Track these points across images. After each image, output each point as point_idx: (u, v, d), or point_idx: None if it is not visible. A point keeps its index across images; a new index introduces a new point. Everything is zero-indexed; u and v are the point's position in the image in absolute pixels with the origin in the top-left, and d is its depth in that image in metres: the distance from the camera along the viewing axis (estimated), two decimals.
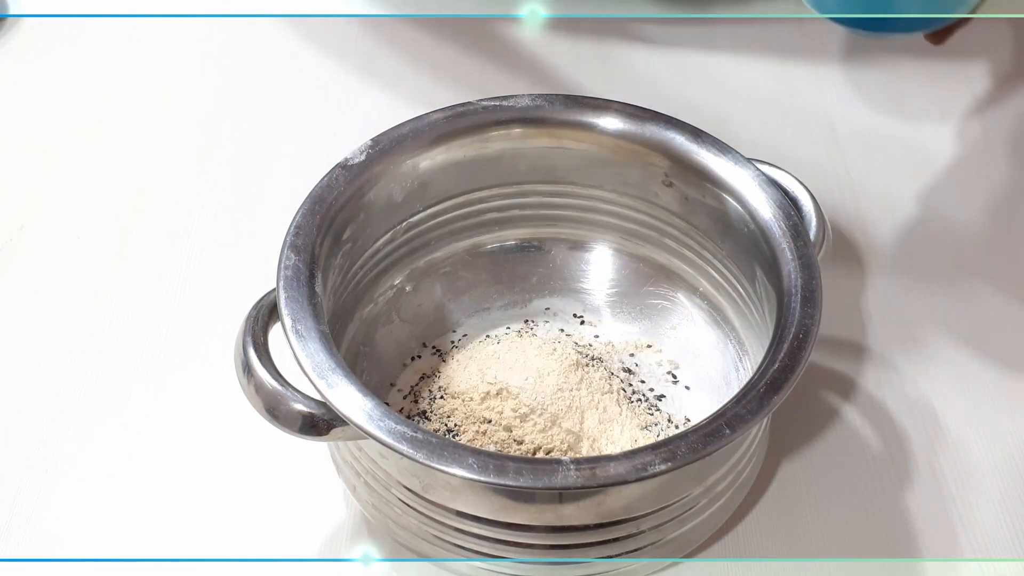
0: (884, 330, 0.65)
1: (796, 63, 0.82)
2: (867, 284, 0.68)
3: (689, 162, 0.58)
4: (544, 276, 0.64)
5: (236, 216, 0.72)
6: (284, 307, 0.51)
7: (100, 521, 0.57)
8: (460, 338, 0.62)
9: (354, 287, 0.59)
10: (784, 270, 0.53)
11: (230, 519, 0.57)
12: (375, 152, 0.58)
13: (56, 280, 0.68)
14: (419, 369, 0.60)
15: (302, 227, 0.54)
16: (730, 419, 0.48)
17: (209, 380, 0.62)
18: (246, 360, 0.50)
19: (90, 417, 0.61)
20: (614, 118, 0.60)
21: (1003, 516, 0.58)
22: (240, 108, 0.79)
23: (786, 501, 0.58)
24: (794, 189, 0.57)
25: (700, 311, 0.62)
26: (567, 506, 0.49)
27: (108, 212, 0.72)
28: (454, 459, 0.46)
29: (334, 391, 0.48)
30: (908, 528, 0.57)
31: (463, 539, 0.51)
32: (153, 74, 0.81)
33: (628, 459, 0.47)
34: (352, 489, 0.55)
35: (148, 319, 0.66)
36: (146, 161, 0.75)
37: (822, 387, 0.63)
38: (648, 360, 0.61)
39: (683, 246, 0.61)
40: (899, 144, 0.76)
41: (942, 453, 0.60)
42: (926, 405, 0.62)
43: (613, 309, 0.63)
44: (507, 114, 0.60)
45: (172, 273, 0.68)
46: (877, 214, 0.72)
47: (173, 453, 0.60)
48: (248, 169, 0.75)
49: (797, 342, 0.51)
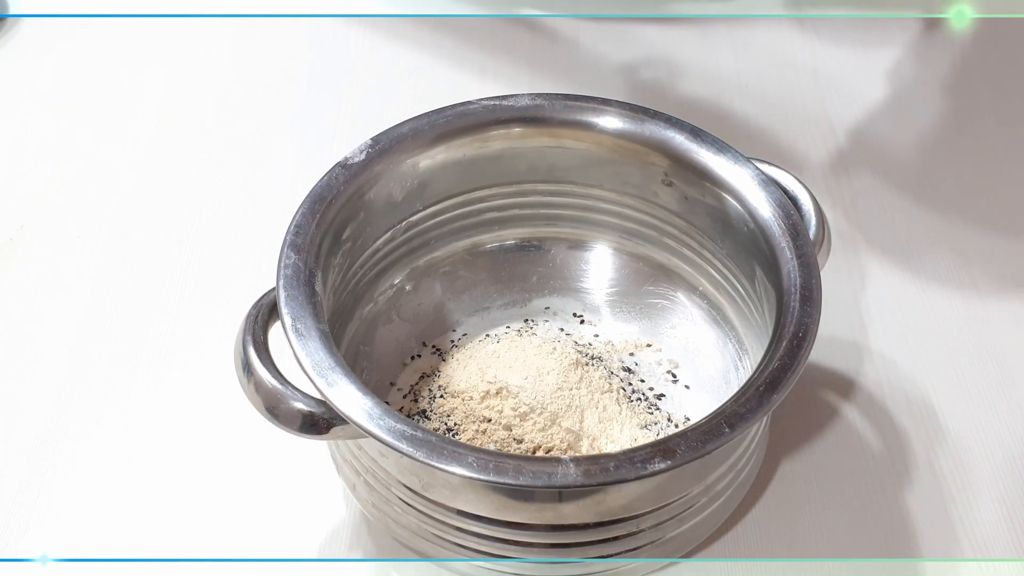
0: (884, 330, 0.65)
1: (796, 63, 0.82)
2: (867, 284, 0.68)
3: (689, 161, 0.58)
4: (544, 275, 0.64)
5: (236, 216, 0.72)
6: (284, 306, 0.51)
7: (100, 521, 0.57)
8: (460, 337, 0.62)
9: (354, 286, 0.59)
10: (784, 269, 0.53)
11: (230, 519, 0.57)
12: (375, 152, 0.58)
13: (56, 280, 0.68)
14: (419, 368, 0.60)
15: (302, 227, 0.54)
16: (730, 418, 0.48)
17: (209, 379, 0.62)
18: (246, 359, 0.50)
19: (90, 417, 0.61)
20: (614, 117, 0.60)
21: (1003, 516, 0.58)
22: (240, 108, 0.79)
23: (786, 500, 0.58)
24: (794, 188, 0.57)
25: (700, 310, 0.62)
26: (567, 505, 0.49)
27: (108, 212, 0.72)
28: (454, 458, 0.46)
29: (334, 390, 0.48)
30: (908, 528, 0.57)
31: (463, 538, 0.51)
32: (153, 74, 0.81)
33: (628, 458, 0.47)
34: (352, 488, 0.55)
35: (148, 319, 0.66)
36: (146, 161, 0.75)
37: (822, 387, 0.63)
38: (648, 359, 0.61)
39: (683, 245, 0.61)
40: (899, 144, 0.76)
41: (942, 453, 0.60)
42: (926, 405, 0.62)
43: (613, 308, 0.63)
44: (507, 114, 0.60)
45: (172, 273, 0.68)
46: (877, 214, 0.72)
47: (173, 453, 0.60)
48: (248, 169, 0.75)
49: (796, 341, 0.51)
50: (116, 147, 0.76)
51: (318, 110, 0.78)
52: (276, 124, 0.78)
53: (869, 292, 0.67)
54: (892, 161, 0.75)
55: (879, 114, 0.78)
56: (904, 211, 0.72)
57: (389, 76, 0.81)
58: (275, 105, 0.79)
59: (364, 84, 0.80)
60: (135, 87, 0.80)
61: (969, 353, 0.64)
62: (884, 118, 0.78)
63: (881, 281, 0.68)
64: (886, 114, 0.78)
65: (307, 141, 0.76)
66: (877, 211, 0.72)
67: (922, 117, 0.78)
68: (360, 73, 0.81)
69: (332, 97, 0.79)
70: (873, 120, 0.78)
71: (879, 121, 0.78)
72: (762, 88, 0.80)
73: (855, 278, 0.68)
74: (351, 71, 0.81)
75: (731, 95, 0.79)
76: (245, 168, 0.75)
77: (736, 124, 0.77)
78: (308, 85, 0.80)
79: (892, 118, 0.78)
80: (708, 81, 0.80)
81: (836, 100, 0.79)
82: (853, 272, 0.68)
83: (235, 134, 0.77)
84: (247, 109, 0.79)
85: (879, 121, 0.78)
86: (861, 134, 0.77)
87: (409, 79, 0.80)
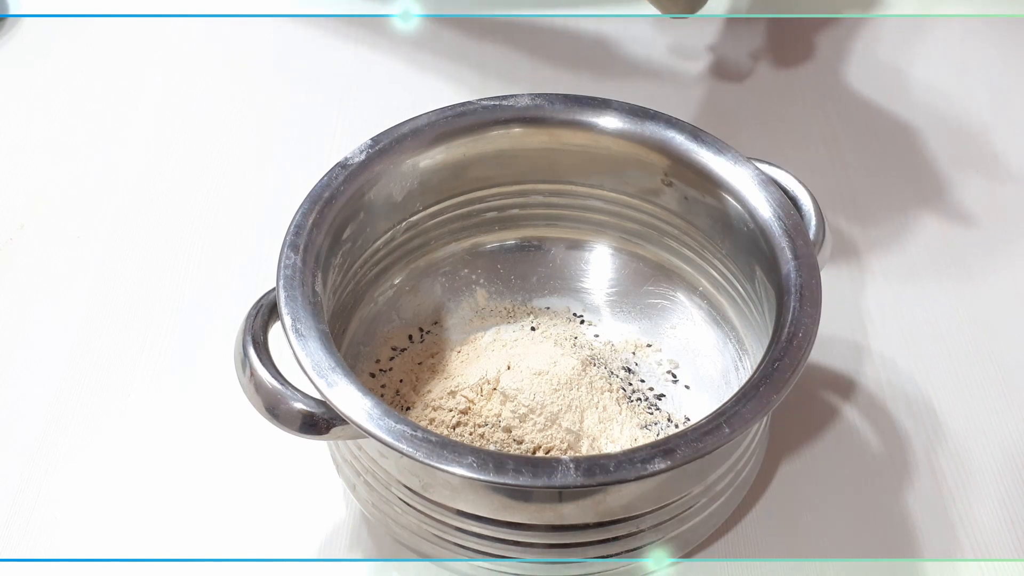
0: (884, 330, 0.65)
1: (796, 62, 0.82)
2: (867, 284, 0.68)
3: (689, 161, 0.58)
4: (544, 276, 0.64)
5: (236, 216, 0.72)
6: (284, 306, 0.51)
7: (100, 521, 0.57)
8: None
9: (354, 286, 0.59)
10: (784, 269, 0.53)
11: (230, 519, 0.57)
12: (375, 152, 0.58)
13: (56, 280, 0.68)
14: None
15: (302, 227, 0.54)
16: (730, 418, 0.48)
17: (209, 380, 0.62)
18: (246, 359, 0.50)
19: (90, 416, 0.61)
20: (613, 117, 0.60)
21: (1003, 516, 0.58)
22: (240, 108, 0.79)
23: (786, 500, 0.58)
24: (794, 188, 0.57)
25: (700, 310, 0.62)
26: (567, 505, 0.49)
27: (108, 212, 0.72)
28: (453, 458, 0.46)
29: (334, 390, 0.48)
30: (908, 528, 0.57)
31: (463, 538, 0.51)
32: (153, 74, 0.81)
33: (628, 458, 0.47)
34: (352, 488, 0.55)
35: (148, 319, 0.66)
36: (146, 161, 0.75)
37: (822, 387, 0.63)
38: (648, 359, 0.61)
39: (683, 245, 0.61)
40: (899, 144, 0.76)
41: (942, 453, 0.60)
42: (926, 405, 0.62)
43: (613, 308, 0.63)
44: (507, 113, 0.60)
45: (172, 273, 0.68)
46: (877, 214, 0.72)
47: (173, 453, 0.60)
48: (248, 169, 0.75)
49: (797, 341, 0.51)
50: (116, 147, 0.76)
51: (318, 110, 0.78)
52: (276, 124, 0.78)
53: (869, 292, 0.67)
54: (892, 161, 0.75)
55: (879, 114, 0.78)
56: (904, 211, 0.72)
57: (389, 76, 0.81)
58: (275, 105, 0.79)
59: (364, 84, 0.80)
60: (135, 87, 0.80)
61: (969, 353, 0.64)
62: (884, 118, 0.78)
63: (881, 281, 0.68)
64: (886, 114, 0.78)
65: (307, 141, 0.76)
66: (877, 211, 0.72)
67: (923, 117, 0.78)
68: (360, 73, 0.81)
69: (332, 97, 0.79)
70: (873, 120, 0.78)
71: (879, 121, 0.78)
72: (762, 88, 0.80)
73: (855, 278, 0.68)
74: (351, 71, 0.81)
75: (731, 95, 0.79)
76: (245, 168, 0.75)
77: (736, 125, 0.77)
78: (308, 85, 0.80)
79: (892, 118, 0.78)
80: (708, 81, 0.80)
81: (836, 100, 0.79)
82: (853, 272, 0.68)
83: (235, 134, 0.77)
84: (247, 109, 0.79)
85: (879, 121, 0.78)
86: (862, 134, 0.77)
87: (409, 79, 0.80)
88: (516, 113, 0.60)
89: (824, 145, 0.76)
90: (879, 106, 0.79)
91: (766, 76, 0.81)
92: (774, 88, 0.80)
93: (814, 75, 0.81)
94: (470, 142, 0.59)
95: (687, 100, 0.79)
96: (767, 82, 0.81)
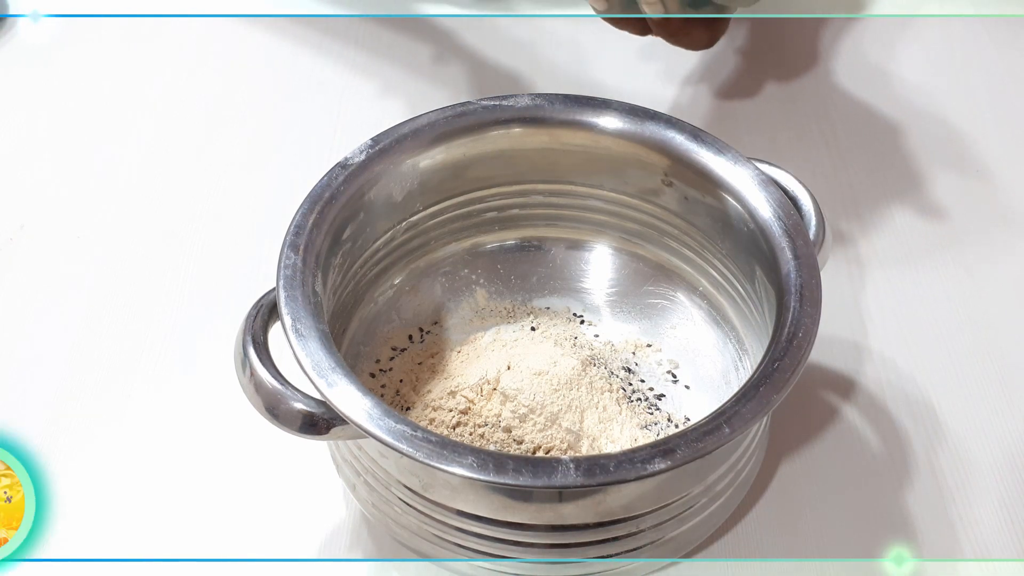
0: (884, 330, 0.65)
1: (796, 63, 0.82)
2: (867, 284, 0.68)
3: (689, 161, 0.58)
4: (544, 276, 0.64)
5: (236, 216, 0.72)
6: (284, 306, 0.51)
7: (100, 521, 0.57)
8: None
9: (354, 286, 0.59)
10: (784, 269, 0.53)
11: (230, 519, 0.57)
12: (375, 152, 0.58)
13: (56, 280, 0.68)
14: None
15: (302, 227, 0.54)
16: (730, 418, 0.48)
17: (209, 380, 0.62)
18: (246, 359, 0.50)
19: (90, 417, 0.61)
20: (614, 117, 0.60)
21: (1003, 516, 0.58)
22: (240, 108, 0.79)
23: (786, 500, 0.58)
24: (794, 188, 0.57)
25: (700, 310, 0.62)
26: (567, 505, 0.49)
27: (108, 212, 0.72)
28: (453, 458, 0.46)
29: (334, 390, 0.48)
30: (908, 528, 0.57)
31: (463, 538, 0.51)
32: (153, 74, 0.81)
33: (628, 458, 0.47)
34: (352, 488, 0.55)
35: (148, 319, 0.66)
36: (146, 161, 0.75)
37: (822, 387, 0.63)
38: (648, 359, 0.61)
39: (683, 245, 0.61)
40: (900, 144, 0.76)
41: (942, 453, 0.60)
42: (926, 405, 0.62)
43: (613, 308, 0.63)
44: (506, 114, 0.60)
45: (172, 273, 0.68)
46: (877, 214, 0.72)
47: (173, 453, 0.60)
48: (248, 169, 0.75)
49: (797, 341, 0.51)
50: (116, 147, 0.76)
51: (318, 110, 0.78)
52: (276, 124, 0.78)
53: (869, 292, 0.67)
54: (892, 161, 0.75)
55: (880, 114, 0.78)
56: (904, 211, 0.72)
57: (389, 76, 0.81)
58: (275, 105, 0.79)
59: (364, 84, 0.80)
60: (135, 87, 0.80)
61: (969, 353, 0.64)
62: (885, 118, 0.78)
63: (881, 281, 0.68)
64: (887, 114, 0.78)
65: (307, 141, 0.76)
66: (877, 211, 0.72)
67: (923, 117, 0.78)
68: (360, 73, 0.81)
69: (332, 97, 0.79)
70: (874, 120, 0.78)
71: (880, 121, 0.78)
72: (762, 88, 0.80)
73: (855, 278, 0.68)
74: (351, 71, 0.81)
75: (731, 95, 0.79)
76: (245, 168, 0.75)
77: (736, 125, 0.77)
78: (308, 85, 0.80)
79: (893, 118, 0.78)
80: (709, 81, 0.80)
81: (837, 100, 0.79)
82: (853, 272, 0.68)
83: (235, 134, 0.77)
84: (247, 109, 0.79)
85: (880, 121, 0.78)
86: (861, 135, 0.77)
87: (409, 79, 0.80)
88: (516, 113, 0.60)
89: (824, 145, 0.76)
90: (880, 106, 0.79)
91: (766, 76, 0.81)
92: (774, 88, 0.80)
93: (814, 75, 0.81)
94: (470, 142, 0.59)
95: (687, 100, 0.79)
96: (767, 82, 0.81)
